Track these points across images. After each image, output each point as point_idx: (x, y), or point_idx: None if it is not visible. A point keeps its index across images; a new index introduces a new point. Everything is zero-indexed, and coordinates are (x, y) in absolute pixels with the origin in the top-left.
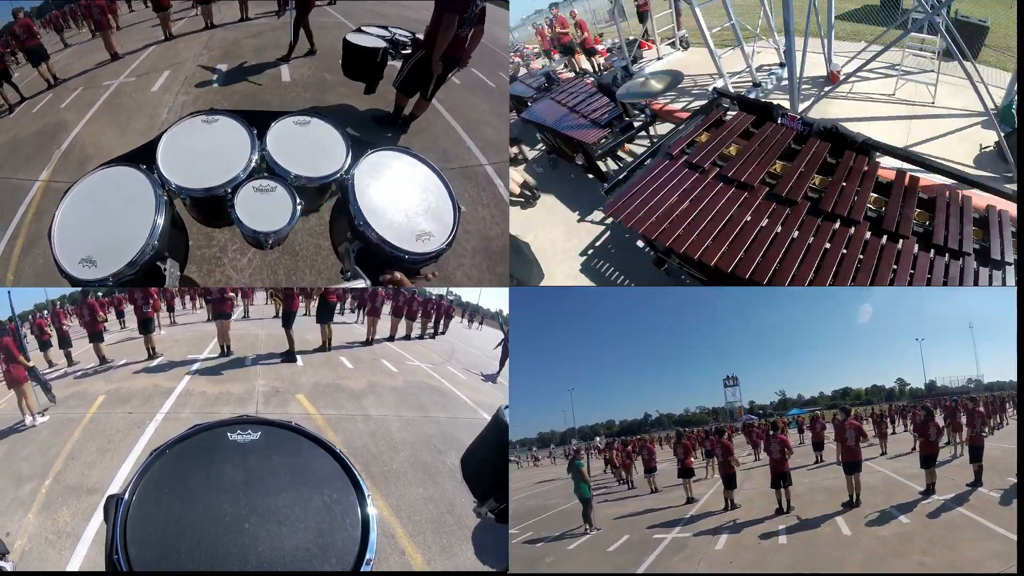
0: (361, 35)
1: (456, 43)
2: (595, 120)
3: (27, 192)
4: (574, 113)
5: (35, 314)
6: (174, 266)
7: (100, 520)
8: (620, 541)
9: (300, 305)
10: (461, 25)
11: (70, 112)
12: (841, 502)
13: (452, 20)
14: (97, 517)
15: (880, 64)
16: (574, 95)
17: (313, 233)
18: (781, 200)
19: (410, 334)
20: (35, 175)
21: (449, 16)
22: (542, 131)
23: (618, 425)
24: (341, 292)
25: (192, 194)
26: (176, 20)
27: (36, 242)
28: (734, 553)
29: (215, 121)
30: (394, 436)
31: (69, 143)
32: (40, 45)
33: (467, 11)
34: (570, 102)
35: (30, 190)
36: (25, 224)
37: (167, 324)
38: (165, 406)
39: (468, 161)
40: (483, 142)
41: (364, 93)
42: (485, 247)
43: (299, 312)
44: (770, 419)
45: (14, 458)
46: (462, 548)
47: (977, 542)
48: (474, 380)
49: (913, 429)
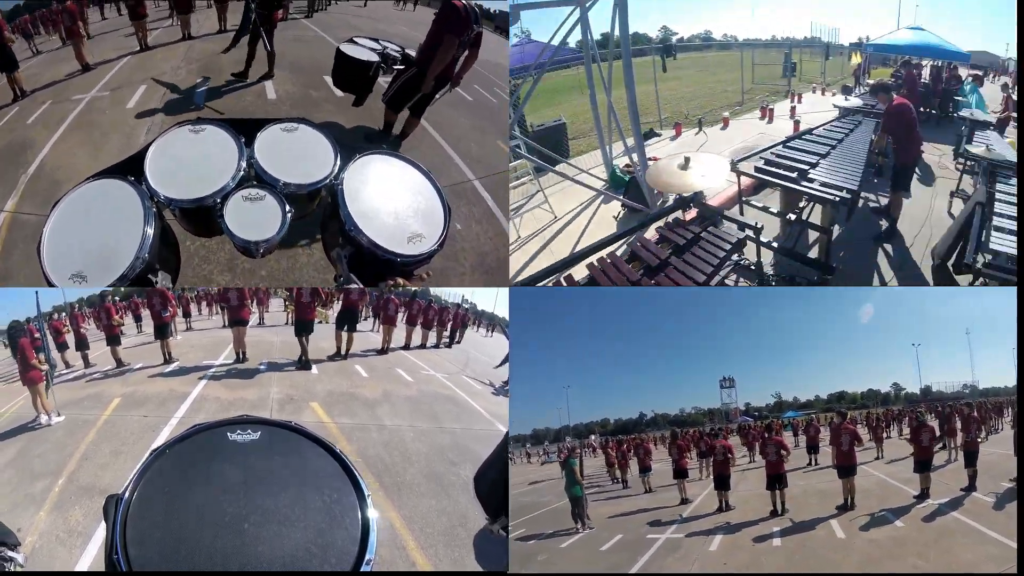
0: (354, 46)
1: (448, 64)
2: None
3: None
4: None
5: (52, 316)
6: (165, 278)
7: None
8: (613, 540)
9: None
10: (459, 48)
11: (37, 129)
12: (835, 505)
13: (452, 42)
14: None
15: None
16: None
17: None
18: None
19: (425, 343)
20: (0, 204)
21: (450, 38)
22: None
23: (613, 424)
24: (363, 297)
25: (181, 205)
26: (152, 30)
27: (4, 282)
28: (728, 554)
29: (202, 130)
30: (408, 447)
31: (36, 166)
32: (10, 51)
33: (464, 34)
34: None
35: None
36: None
37: (183, 329)
38: (180, 411)
39: (456, 178)
40: (469, 158)
41: (352, 105)
42: (481, 262)
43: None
44: (766, 421)
45: (28, 455)
46: (473, 562)
47: (971, 546)
48: (489, 391)
49: (909, 434)
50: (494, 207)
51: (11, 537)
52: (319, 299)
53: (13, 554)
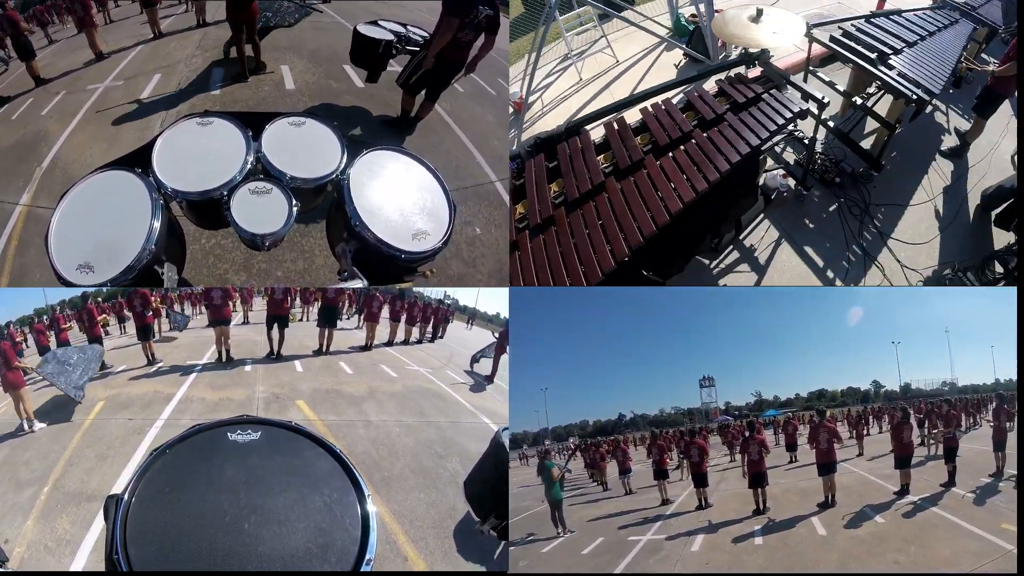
0: (372, 27)
1: (459, 48)
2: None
3: (8, 218)
4: None
5: (34, 319)
6: (172, 269)
7: (100, 527)
8: (595, 543)
9: (292, 309)
10: (461, 29)
11: (52, 120)
12: (816, 502)
13: (451, 23)
14: (96, 524)
15: (553, 62)
16: None
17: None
18: (540, 226)
19: (409, 339)
20: (16, 197)
21: (449, 19)
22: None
23: (592, 426)
24: (342, 294)
25: (188, 197)
26: (165, 17)
27: (20, 280)
28: (710, 554)
29: (210, 123)
30: (395, 442)
31: (51, 159)
32: (28, 41)
33: (469, 16)
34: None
35: (11, 216)
36: (8, 258)
37: (167, 330)
38: (165, 412)
39: (479, 179)
40: (493, 156)
41: (365, 80)
42: (499, 269)
43: (297, 318)
44: (746, 420)
45: (13, 463)
46: (464, 552)
47: (951, 541)
48: (472, 384)
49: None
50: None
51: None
52: (290, 297)
53: (1, 570)
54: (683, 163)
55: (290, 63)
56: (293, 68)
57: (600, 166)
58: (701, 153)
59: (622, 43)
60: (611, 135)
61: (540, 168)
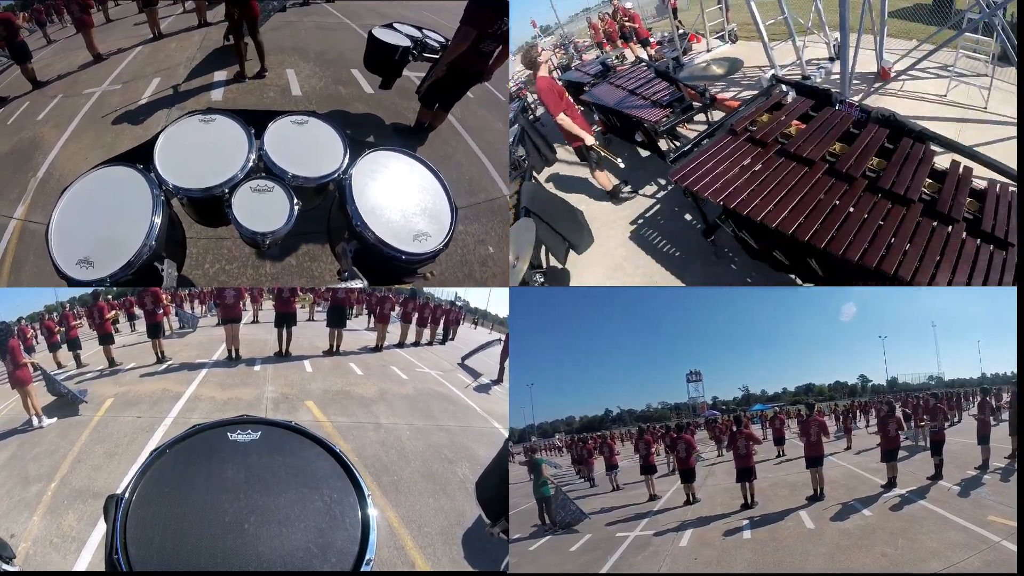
0: (388, 31)
1: (479, 58)
2: (656, 101)
3: (1, 234)
4: (634, 95)
5: (44, 315)
6: (172, 266)
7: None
8: (583, 540)
9: (299, 308)
10: (483, 40)
11: (48, 126)
12: (805, 496)
13: (469, 33)
14: (103, 522)
15: (932, 64)
16: (634, 80)
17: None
18: (840, 176)
19: (419, 340)
20: (10, 211)
21: (467, 28)
22: (603, 112)
23: (578, 421)
24: (351, 295)
25: (189, 194)
26: (165, 17)
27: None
28: (698, 549)
29: (212, 121)
30: (405, 445)
31: (47, 169)
32: (23, 43)
33: (492, 27)
34: (630, 86)
35: (5, 231)
36: (3, 278)
37: (177, 327)
38: (173, 411)
39: (492, 192)
40: (505, 168)
41: (379, 87)
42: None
43: (304, 318)
44: (734, 414)
45: (21, 459)
46: (472, 559)
47: (937, 533)
48: (484, 387)
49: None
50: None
51: (6, 550)
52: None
53: (8, 567)
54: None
55: (296, 67)
56: (299, 72)
57: (921, 188)
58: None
59: (997, 95)
60: (950, 176)
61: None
